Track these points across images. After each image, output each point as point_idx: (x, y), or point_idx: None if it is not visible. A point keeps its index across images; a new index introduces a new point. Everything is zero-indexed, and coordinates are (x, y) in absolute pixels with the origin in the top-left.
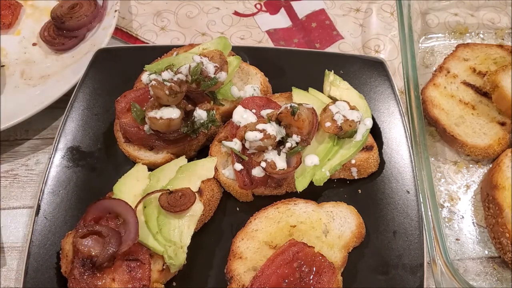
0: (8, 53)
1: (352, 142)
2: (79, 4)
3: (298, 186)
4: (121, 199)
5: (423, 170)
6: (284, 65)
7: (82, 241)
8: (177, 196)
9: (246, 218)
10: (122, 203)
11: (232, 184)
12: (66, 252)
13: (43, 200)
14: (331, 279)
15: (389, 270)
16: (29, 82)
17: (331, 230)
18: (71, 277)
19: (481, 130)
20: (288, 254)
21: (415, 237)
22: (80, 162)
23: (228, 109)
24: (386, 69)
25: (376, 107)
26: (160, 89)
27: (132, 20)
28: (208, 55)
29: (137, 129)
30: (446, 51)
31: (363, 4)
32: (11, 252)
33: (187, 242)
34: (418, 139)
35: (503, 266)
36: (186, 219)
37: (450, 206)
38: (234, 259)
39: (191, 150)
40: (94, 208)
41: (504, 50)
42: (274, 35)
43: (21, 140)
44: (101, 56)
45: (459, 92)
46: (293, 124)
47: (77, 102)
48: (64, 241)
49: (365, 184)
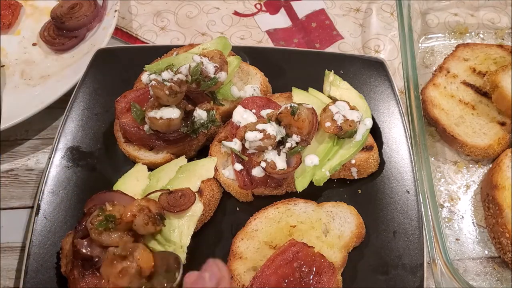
0: (8, 53)
1: (352, 142)
2: (79, 4)
3: (298, 186)
4: (120, 191)
5: (423, 170)
6: (284, 65)
7: (82, 242)
8: (177, 196)
9: (246, 218)
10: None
11: (232, 184)
12: (66, 252)
13: (43, 200)
14: (331, 279)
15: (389, 270)
16: (29, 82)
17: (331, 230)
18: (71, 277)
19: (481, 130)
20: (288, 254)
21: (415, 237)
22: (80, 162)
23: (228, 109)
24: (386, 69)
25: (376, 107)
26: (160, 89)
27: (132, 20)
28: (208, 55)
29: (137, 129)
30: (446, 51)
31: (363, 4)
32: (11, 252)
33: (187, 242)
34: (418, 139)
35: (503, 266)
36: (186, 219)
37: (450, 206)
38: (234, 259)
39: (191, 150)
40: (93, 201)
41: (504, 50)
42: (274, 35)
43: (21, 140)
44: (101, 56)
45: (459, 92)
46: (293, 124)
47: (77, 102)
48: (64, 241)
49: (365, 184)
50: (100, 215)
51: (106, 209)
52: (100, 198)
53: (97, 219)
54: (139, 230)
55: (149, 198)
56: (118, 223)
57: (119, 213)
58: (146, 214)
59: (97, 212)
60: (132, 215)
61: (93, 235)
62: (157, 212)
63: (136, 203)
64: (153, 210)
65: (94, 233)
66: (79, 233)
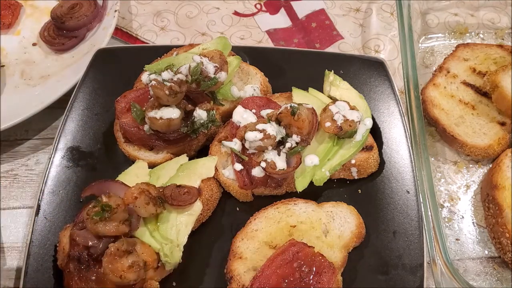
0: (8, 53)
1: (352, 142)
2: (79, 4)
3: (298, 186)
4: (120, 180)
5: (423, 170)
6: (284, 65)
7: (80, 233)
8: (181, 191)
9: (246, 218)
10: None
11: (232, 184)
12: (63, 245)
13: (43, 200)
14: (331, 279)
15: (389, 270)
16: (29, 82)
17: (331, 230)
18: (66, 270)
19: (481, 130)
20: (288, 254)
21: (415, 237)
22: (80, 162)
23: (228, 109)
24: (386, 69)
25: (376, 107)
26: (160, 89)
27: (132, 20)
28: (208, 55)
29: (137, 129)
30: (446, 51)
31: (363, 4)
32: (11, 252)
33: (184, 240)
34: (418, 139)
35: (503, 266)
36: (184, 218)
37: (450, 206)
38: (234, 259)
39: (191, 150)
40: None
41: (504, 50)
42: (274, 35)
43: (21, 140)
44: (101, 56)
45: (459, 92)
46: (293, 124)
47: (77, 102)
48: (62, 234)
49: (365, 184)
50: (96, 206)
51: (102, 201)
52: (99, 186)
53: (93, 210)
54: (140, 211)
55: (149, 183)
56: (114, 213)
57: (116, 203)
58: (147, 196)
59: (93, 203)
60: (134, 197)
61: (89, 225)
62: (157, 195)
63: (137, 186)
64: (153, 193)
65: (90, 223)
66: (77, 226)
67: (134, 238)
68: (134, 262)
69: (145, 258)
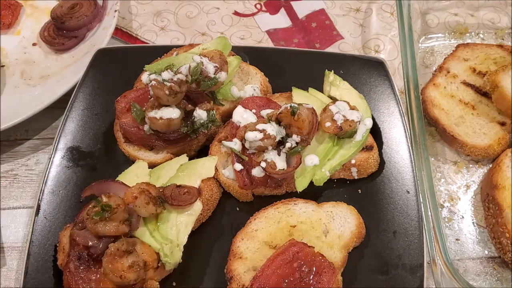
0: (8, 53)
1: (352, 142)
2: (79, 4)
3: (298, 186)
4: (120, 181)
5: (423, 170)
6: (284, 65)
7: (80, 233)
8: (181, 191)
9: (246, 218)
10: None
11: (232, 184)
12: (63, 245)
13: (43, 200)
14: (331, 279)
15: (389, 270)
16: (29, 82)
17: (331, 230)
18: (66, 270)
19: (481, 130)
20: (288, 254)
21: (415, 237)
22: (80, 162)
23: (228, 109)
24: (386, 69)
25: (376, 107)
26: (160, 89)
27: (132, 20)
28: (208, 55)
29: (137, 129)
30: (446, 51)
31: (363, 4)
32: (11, 252)
33: (184, 240)
34: (418, 139)
35: (503, 266)
36: (184, 218)
37: (450, 206)
38: (234, 259)
39: (191, 150)
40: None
41: (504, 50)
42: (274, 35)
43: (21, 140)
44: (101, 56)
45: (459, 92)
46: (293, 124)
47: (77, 102)
48: (62, 234)
49: (365, 184)
50: (96, 206)
51: (102, 201)
52: (99, 186)
53: (93, 210)
54: (140, 211)
55: (149, 183)
56: (114, 213)
57: (116, 203)
58: (147, 195)
59: (93, 203)
60: (134, 197)
61: (89, 225)
62: (157, 195)
63: (137, 186)
64: (153, 193)
65: (90, 223)
66: (77, 226)
67: (134, 238)
68: (134, 262)
69: (145, 258)
